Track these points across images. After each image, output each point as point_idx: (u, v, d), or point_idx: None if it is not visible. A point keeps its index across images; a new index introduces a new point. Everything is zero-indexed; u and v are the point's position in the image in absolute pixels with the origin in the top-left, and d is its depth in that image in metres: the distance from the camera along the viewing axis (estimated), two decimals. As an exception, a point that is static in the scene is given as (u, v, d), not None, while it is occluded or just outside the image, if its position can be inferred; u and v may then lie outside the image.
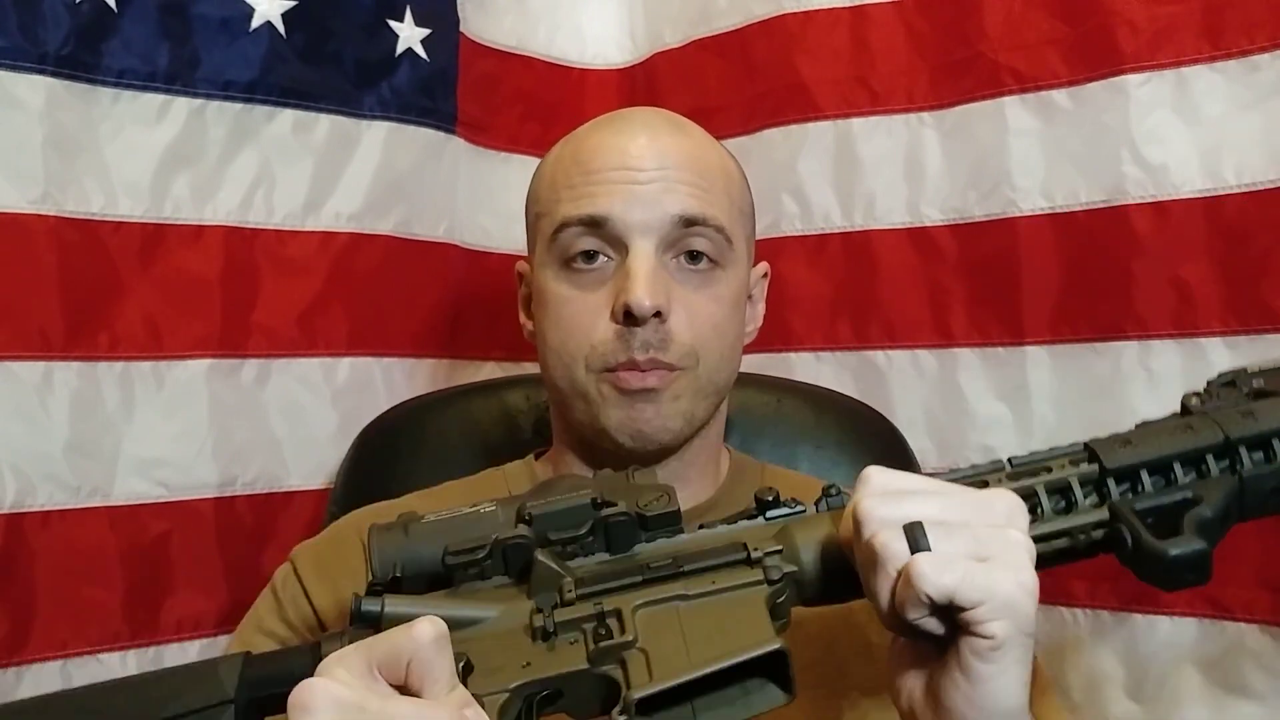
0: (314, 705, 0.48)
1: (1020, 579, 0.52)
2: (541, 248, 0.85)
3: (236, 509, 1.21)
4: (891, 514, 0.54)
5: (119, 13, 1.12)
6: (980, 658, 0.52)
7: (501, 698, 0.52)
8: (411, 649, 0.49)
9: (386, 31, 1.32)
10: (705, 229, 0.82)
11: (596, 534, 0.57)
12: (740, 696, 0.53)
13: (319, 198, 1.27)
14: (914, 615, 0.53)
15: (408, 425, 1.16)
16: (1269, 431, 0.58)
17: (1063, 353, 1.23)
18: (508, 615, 0.55)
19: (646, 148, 0.83)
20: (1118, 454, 0.58)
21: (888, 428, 1.17)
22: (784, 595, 0.56)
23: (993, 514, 0.55)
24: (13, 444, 1.07)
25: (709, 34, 1.45)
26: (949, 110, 1.29)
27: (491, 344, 1.45)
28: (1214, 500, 0.56)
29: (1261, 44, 1.11)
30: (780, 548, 0.57)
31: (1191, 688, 1.14)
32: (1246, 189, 1.12)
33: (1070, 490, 0.58)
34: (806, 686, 0.77)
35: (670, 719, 0.52)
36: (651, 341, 0.79)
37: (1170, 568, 0.53)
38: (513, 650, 0.54)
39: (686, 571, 0.56)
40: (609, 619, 0.54)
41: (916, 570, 0.51)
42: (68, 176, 1.10)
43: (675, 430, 0.82)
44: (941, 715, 0.54)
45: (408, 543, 0.57)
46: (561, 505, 0.57)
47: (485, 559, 0.56)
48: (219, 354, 1.20)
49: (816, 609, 0.78)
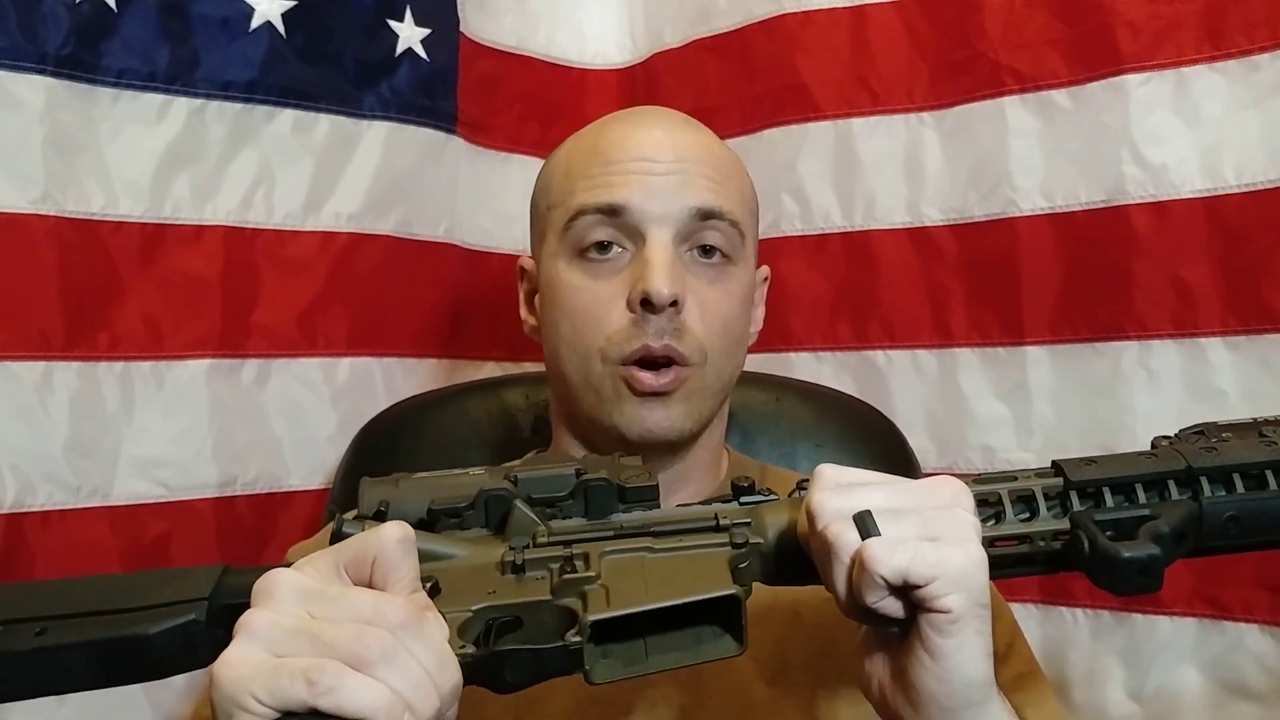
0: (276, 591, 0.49)
1: (968, 551, 0.54)
2: (553, 238, 0.85)
3: (236, 509, 1.22)
4: (842, 506, 0.56)
5: (119, 13, 1.12)
6: (940, 633, 0.53)
7: (463, 616, 0.53)
8: (377, 546, 0.51)
9: (386, 31, 1.32)
10: (720, 222, 0.82)
11: (576, 498, 0.60)
12: (693, 643, 0.55)
13: (319, 198, 1.27)
14: (872, 599, 0.54)
15: (407, 424, 1.16)
16: (1231, 465, 0.60)
17: (1063, 353, 1.23)
18: (480, 554, 0.57)
19: (664, 140, 0.83)
20: (1083, 470, 0.60)
21: (887, 426, 1.17)
22: (746, 562, 0.58)
23: (938, 498, 0.57)
24: (13, 444, 1.07)
25: (709, 34, 1.45)
26: (949, 110, 1.29)
27: (491, 344, 1.45)
28: (1172, 519, 0.58)
29: (1261, 44, 1.11)
30: (749, 522, 0.60)
31: (1191, 688, 1.14)
32: (1246, 189, 1.12)
33: (1034, 500, 0.60)
34: (805, 685, 0.78)
35: (622, 652, 0.54)
36: (666, 329, 0.79)
37: (1122, 568, 0.55)
38: (481, 581, 0.56)
39: (656, 533, 0.59)
40: (576, 560, 0.56)
41: (868, 554, 0.53)
42: (68, 176, 1.10)
43: (684, 430, 0.82)
44: (911, 696, 0.56)
45: (396, 491, 0.59)
46: (547, 472, 0.60)
47: (467, 509, 0.59)
48: (219, 354, 1.20)
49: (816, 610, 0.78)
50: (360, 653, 0.47)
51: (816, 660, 0.79)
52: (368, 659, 0.46)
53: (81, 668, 0.54)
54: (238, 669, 0.47)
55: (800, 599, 0.78)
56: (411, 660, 0.48)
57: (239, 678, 0.46)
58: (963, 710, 0.55)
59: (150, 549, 1.15)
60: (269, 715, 0.46)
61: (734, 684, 0.77)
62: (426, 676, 0.48)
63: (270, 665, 0.47)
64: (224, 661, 0.47)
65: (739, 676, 0.77)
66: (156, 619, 0.54)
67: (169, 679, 1.21)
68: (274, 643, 0.47)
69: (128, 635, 0.54)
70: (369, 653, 0.47)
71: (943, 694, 0.55)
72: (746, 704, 0.77)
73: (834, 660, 0.78)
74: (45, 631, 0.54)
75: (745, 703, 0.77)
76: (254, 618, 0.49)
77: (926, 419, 1.31)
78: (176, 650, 0.54)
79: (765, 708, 0.77)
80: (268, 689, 0.46)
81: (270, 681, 0.46)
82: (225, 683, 0.46)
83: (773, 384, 1.17)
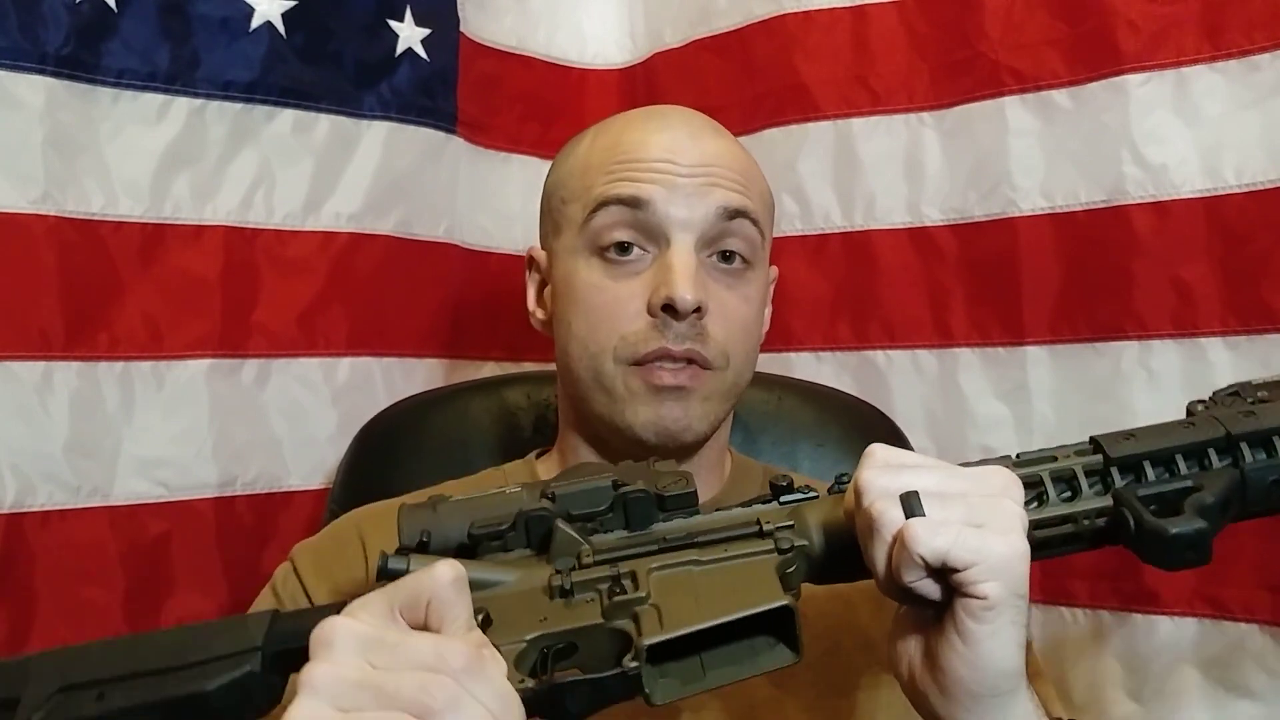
0: (335, 640, 0.49)
1: (1011, 541, 0.54)
2: (570, 233, 0.84)
3: (236, 509, 1.21)
4: (890, 484, 0.56)
5: (119, 13, 1.12)
6: (975, 618, 0.53)
7: (518, 648, 0.53)
8: (431, 588, 0.51)
9: (386, 31, 1.32)
10: (745, 221, 0.82)
11: (616, 511, 0.60)
12: (748, 655, 0.55)
13: (319, 198, 1.27)
14: (910, 578, 0.54)
15: (407, 424, 1.16)
16: (1270, 429, 0.59)
17: (1063, 353, 1.23)
18: (527, 578, 0.57)
19: (688, 143, 0.83)
20: (1122, 446, 0.60)
21: (888, 425, 1.16)
22: (794, 566, 0.58)
23: (988, 486, 0.57)
24: (13, 444, 1.07)
25: (709, 34, 1.45)
26: (949, 110, 1.29)
27: (491, 344, 1.45)
28: (1215, 488, 0.57)
29: (1261, 44, 1.11)
30: (792, 524, 0.59)
31: (1191, 688, 1.14)
32: (1246, 189, 1.12)
33: (1075, 479, 0.59)
34: (810, 685, 0.78)
35: (679, 670, 0.54)
36: (688, 334, 0.79)
37: (1171, 545, 0.55)
38: (531, 607, 0.56)
39: (700, 542, 0.58)
40: (624, 579, 0.56)
41: (910, 533, 0.53)
42: (68, 176, 1.10)
43: (699, 431, 0.82)
44: (940, 680, 0.56)
45: (436, 517, 0.59)
46: (584, 485, 0.60)
47: (509, 530, 0.59)
48: (219, 354, 1.20)
49: (821, 610, 0.78)
50: (427, 703, 0.46)
51: (820, 660, 0.78)
52: (434, 710, 0.46)
53: None
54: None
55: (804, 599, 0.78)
56: (476, 705, 0.47)
57: None
58: (990, 698, 0.56)
59: (150, 549, 1.15)
60: None
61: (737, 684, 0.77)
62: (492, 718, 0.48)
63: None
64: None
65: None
66: (212, 674, 0.54)
67: None
68: (339, 698, 0.47)
69: (186, 694, 0.54)
70: (435, 702, 0.46)
71: (972, 680, 0.55)
72: (750, 704, 0.77)
73: (838, 660, 0.78)
74: (104, 696, 0.54)
75: (749, 703, 0.77)
76: (316, 672, 0.48)
77: (926, 419, 1.31)
78: (235, 703, 0.54)
79: (768, 707, 0.77)
80: None
81: None
82: None
83: (773, 384, 1.17)
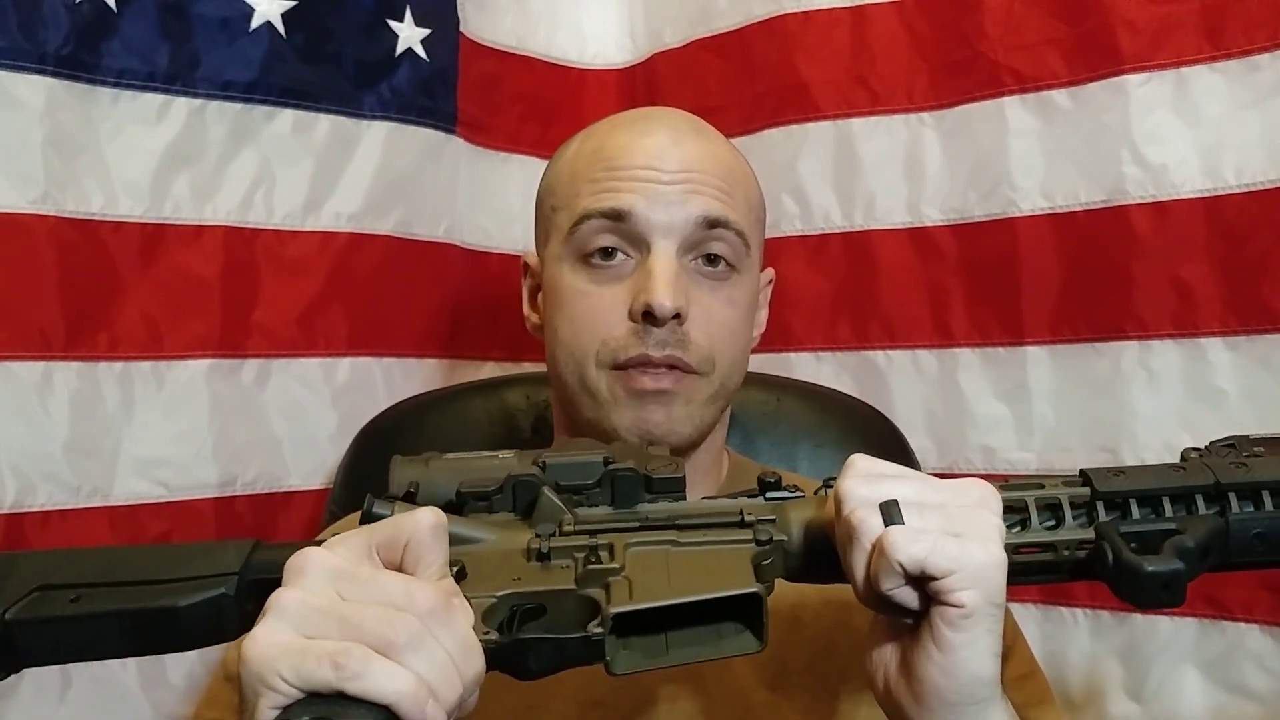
0: (308, 568, 0.50)
1: (989, 550, 0.54)
2: (557, 241, 0.84)
3: (236, 509, 1.22)
4: (871, 493, 0.56)
5: (119, 13, 1.12)
6: (952, 627, 0.54)
7: (488, 602, 0.54)
8: (410, 531, 0.51)
9: (386, 31, 1.32)
10: (726, 232, 0.82)
11: (604, 487, 0.60)
12: (713, 638, 0.55)
13: (319, 198, 1.27)
14: (888, 586, 0.54)
15: (407, 424, 1.16)
16: (1260, 482, 0.59)
17: (1063, 352, 1.23)
18: (507, 539, 0.58)
19: (671, 149, 0.82)
20: (1110, 481, 0.60)
21: (888, 426, 1.17)
22: (770, 559, 0.58)
23: (966, 497, 0.57)
24: (13, 444, 1.07)
25: (709, 34, 1.45)
26: (949, 110, 1.29)
27: (491, 344, 1.45)
28: (1198, 533, 0.57)
29: (1261, 44, 1.11)
30: (774, 519, 0.60)
31: (1191, 688, 1.14)
32: (1246, 189, 1.12)
33: (1060, 508, 0.60)
34: (805, 689, 0.78)
35: (643, 645, 0.54)
36: (669, 341, 0.79)
37: (1145, 582, 0.55)
38: (506, 567, 0.57)
39: (682, 525, 0.59)
40: (601, 550, 0.57)
41: (888, 541, 0.54)
42: (68, 176, 1.10)
43: (684, 435, 0.81)
44: (916, 688, 0.56)
45: (427, 472, 0.61)
46: (575, 458, 0.61)
47: (496, 493, 0.60)
48: (219, 354, 1.20)
49: (817, 614, 0.78)
50: (388, 637, 0.47)
51: (816, 664, 0.79)
52: (395, 644, 0.47)
53: (112, 636, 0.55)
54: (266, 648, 0.47)
55: (800, 603, 0.78)
56: (438, 647, 0.48)
57: (267, 656, 0.46)
58: (966, 707, 0.56)
59: (150, 549, 1.15)
60: (295, 695, 0.46)
61: (734, 688, 0.77)
62: (451, 663, 0.48)
63: (298, 646, 0.47)
64: (253, 639, 0.47)
65: (739, 680, 0.77)
66: (187, 592, 0.55)
67: (169, 679, 1.21)
68: (303, 623, 0.48)
69: (158, 607, 0.55)
70: (397, 638, 0.47)
71: (948, 688, 0.55)
72: (746, 708, 0.77)
73: (833, 663, 0.79)
74: (79, 599, 0.55)
75: (745, 706, 0.77)
76: (284, 596, 0.49)
77: (926, 419, 1.31)
78: (205, 623, 0.56)
79: (765, 711, 0.77)
80: (295, 670, 0.46)
81: (297, 662, 0.46)
82: (253, 660, 0.47)
83: (773, 384, 1.17)
